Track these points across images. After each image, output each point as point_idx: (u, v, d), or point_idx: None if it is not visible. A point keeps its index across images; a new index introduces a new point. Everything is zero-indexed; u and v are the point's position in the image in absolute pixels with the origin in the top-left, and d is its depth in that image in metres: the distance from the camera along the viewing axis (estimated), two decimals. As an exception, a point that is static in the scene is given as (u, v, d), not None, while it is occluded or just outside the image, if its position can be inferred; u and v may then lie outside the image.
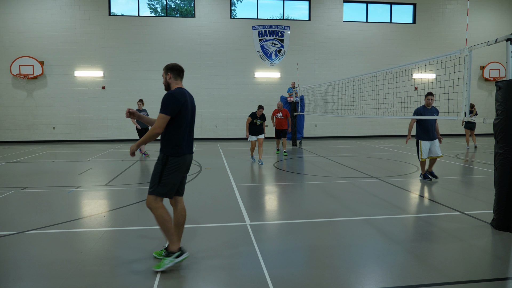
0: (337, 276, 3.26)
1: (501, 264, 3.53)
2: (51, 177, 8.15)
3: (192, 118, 3.62)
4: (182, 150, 3.48)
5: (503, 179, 4.35)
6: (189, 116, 3.54)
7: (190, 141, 3.61)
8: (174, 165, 3.43)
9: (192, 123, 3.62)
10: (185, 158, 3.51)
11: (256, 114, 9.77)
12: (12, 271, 3.40)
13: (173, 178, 3.43)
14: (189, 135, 3.58)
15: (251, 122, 9.77)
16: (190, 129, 3.59)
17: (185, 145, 3.50)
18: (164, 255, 3.49)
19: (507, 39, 4.31)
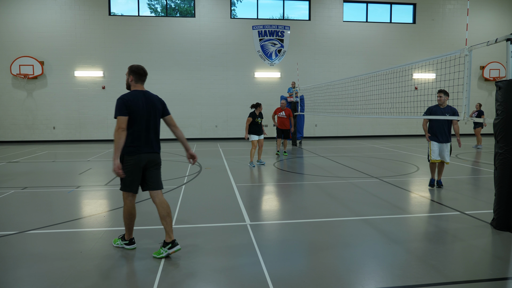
0: (337, 276, 3.26)
1: (501, 264, 3.53)
2: (51, 177, 8.15)
3: (151, 119, 3.75)
4: (136, 149, 3.65)
5: (503, 179, 4.35)
6: (143, 117, 3.69)
7: (149, 141, 3.74)
8: (129, 163, 3.64)
9: (150, 123, 3.74)
10: (140, 157, 3.67)
11: (255, 112, 9.34)
12: (12, 271, 3.40)
13: (130, 175, 3.66)
14: (146, 135, 3.72)
15: (252, 122, 9.41)
16: (147, 129, 3.72)
17: (142, 145, 3.68)
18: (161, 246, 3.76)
19: (507, 39, 4.31)
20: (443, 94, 6.55)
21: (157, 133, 3.87)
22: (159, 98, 3.94)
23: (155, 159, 3.83)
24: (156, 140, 3.85)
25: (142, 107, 3.69)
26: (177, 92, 17.48)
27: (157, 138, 3.87)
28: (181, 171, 8.78)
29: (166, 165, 9.89)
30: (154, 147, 3.81)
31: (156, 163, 3.85)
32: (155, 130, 3.84)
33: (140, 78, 3.82)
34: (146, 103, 3.74)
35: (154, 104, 3.81)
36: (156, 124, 3.84)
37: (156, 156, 3.85)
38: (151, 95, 3.84)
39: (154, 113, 3.80)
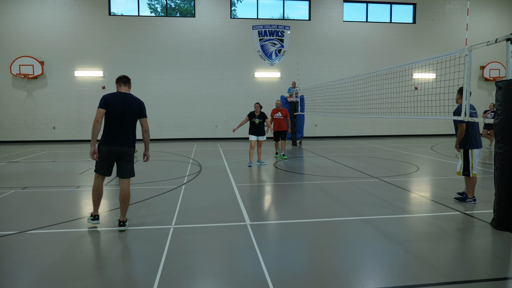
0: (337, 276, 3.26)
1: (501, 264, 3.53)
2: (51, 177, 8.15)
3: (125, 116, 4.37)
4: (106, 141, 4.33)
5: (503, 179, 4.36)
6: (118, 114, 4.33)
7: (120, 136, 4.38)
8: (101, 152, 4.40)
9: (123, 120, 4.37)
10: (110, 148, 4.34)
11: (254, 113, 9.23)
12: (12, 271, 3.40)
13: (100, 160, 4.43)
14: (119, 130, 4.36)
15: (250, 122, 9.31)
16: (121, 125, 4.36)
17: (112, 138, 4.33)
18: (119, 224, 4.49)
19: (507, 39, 4.32)
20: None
21: (129, 129, 4.44)
22: (140, 102, 4.55)
23: (126, 152, 4.44)
24: (128, 136, 4.43)
25: (119, 106, 4.33)
26: (177, 92, 17.48)
27: (129, 134, 4.44)
28: (181, 171, 8.78)
29: (166, 165, 9.92)
30: (126, 142, 4.42)
31: (127, 156, 4.46)
32: (128, 127, 4.42)
33: (123, 83, 4.55)
34: (124, 103, 4.37)
35: (130, 104, 4.42)
36: (129, 122, 4.42)
37: (128, 150, 4.45)
38: (131, 97, 4.48)
39: (130, 112, 4.41)
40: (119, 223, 4.48)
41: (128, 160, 4.49)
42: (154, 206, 5.66)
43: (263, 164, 9.59)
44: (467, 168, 5.54)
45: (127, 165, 4.49)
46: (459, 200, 5.78)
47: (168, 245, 4.00)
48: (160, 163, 10.34)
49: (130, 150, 4.47)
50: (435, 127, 19.58)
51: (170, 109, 17.53)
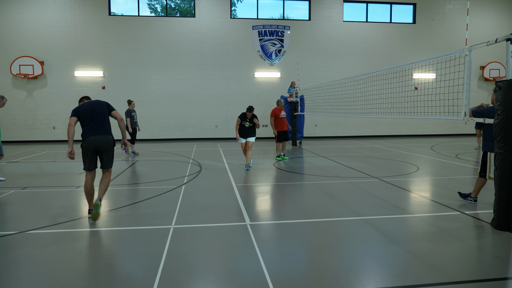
0: (337, 276, 3.26)
1: (501, 264, 3.53)
2: (51, 177, 8.15)
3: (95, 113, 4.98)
4: (84, 137, 4.93)
5: (503, 179, 4.36)
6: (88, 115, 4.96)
7: (94, 128, 4.93)
8: (83, 148, 4.95)
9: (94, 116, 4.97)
10: (88, 140, 4.89)
11: (246, 116, 8.95)
12: (12, 271, 3.40)
13: (84, 157, 4.96)
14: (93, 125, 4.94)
15: (240, 124, 9.03)
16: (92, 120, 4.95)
17: (88, 132, 4.92)
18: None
19: (507, 39, 4.32)
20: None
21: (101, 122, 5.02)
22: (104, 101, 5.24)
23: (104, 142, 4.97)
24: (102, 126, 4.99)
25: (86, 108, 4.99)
26: (177, 92, 17.48)
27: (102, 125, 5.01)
28: (181, 171, 8.78)
29: (166, 165, 9.92)
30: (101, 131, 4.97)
31: (106, 146, 5.00)
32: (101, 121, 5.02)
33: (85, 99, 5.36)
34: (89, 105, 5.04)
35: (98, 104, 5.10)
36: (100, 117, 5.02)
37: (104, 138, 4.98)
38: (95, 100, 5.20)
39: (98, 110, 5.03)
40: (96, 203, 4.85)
41: (109, 151, 5.05)
42: (154, 206, 5.66)
43: (247, 169, 8.90)
44: (484, 170, 5.37)
45: (107, 156, 5.05)
46: (460, 195, 5.79)
47: (168, 245, 4.00)
48: (160, 163, 10.34)
49: (106, 139, 5.00)
50: (435, 127, 19.58)
51: (170, 109, 17.53)
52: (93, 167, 5.01)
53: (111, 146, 5.09)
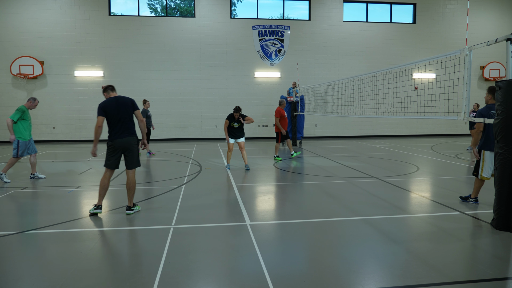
0: (337, 276, 3.26)
1: (501, 264, 3.53)
2: (51, 177, 8.15)
3: (121, 113, 5.05)
4: (111, 137, 5.05)
5: (503, 179, 4.36)
6: (115, 114, 5.03)
7: (121, 130, 5.05)
8: (109, 147, 5.10)
9: (120, 117, 5.04)
10: (115, 142, 5.03)
11: (233, 116, 8.74)
12: (12, 271, 3.40)
13: (109, 156, 5.10)
14: (120, 126, 5.05)
15: (229, 125, 8.82)
16: (119, 121, 5.04)
17: (114, 133, 5.03)
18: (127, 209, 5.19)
19: (507, 39, 4.32)
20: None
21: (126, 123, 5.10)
22: (131, 99, 5.21)
23: (130, 143, 5.09)
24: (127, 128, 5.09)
25: (113, 107, 5.04)
26: (177, 92, 17.48)
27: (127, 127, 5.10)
28: (181, 171, 8.78)
29: (166, 165, 9.92)
30: (127, 133, 5.07)
31: (131, 147, 5.10)
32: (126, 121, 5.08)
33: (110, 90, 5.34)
34: (116, 104, 5.08)
35: (124, 103, 5.12)
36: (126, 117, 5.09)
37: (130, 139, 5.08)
38: (122, 97, 5.18)
39: (122, 109, 5.06)
40: (127, 208, 5.19)
41: (132, 151, 5.11)
42: (154, 206, 5.66)
43: (247, 169, 8.92)
44: (476, 168, 5.47)
45: (131, 156, 5.12)
46: (462, 199, 5.80)
47: (168, 245, 4.00)
48: (160, 163, 10.34)
49: (132, 140, 5.11)
50: (435, 127, 19.58)
51: (170, 109, 17.53)
52: (114, 167, 5.15)
53: (136, 145, 5.20)
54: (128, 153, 5.11)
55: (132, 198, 5.19)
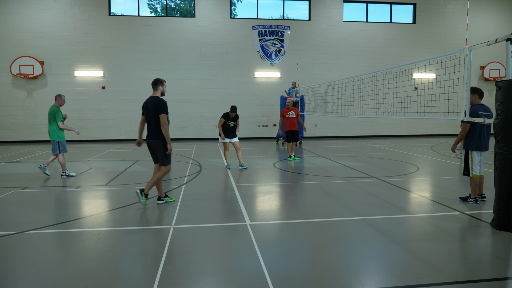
0: (337, 276, 3.26)
1: (501, 264, 3.53)
2: (51, 177, 8.15)
3: (148, 116, 5.43)
4: (146, 137, 5.59)
5: (503, 179, 4.35)
6: (145, 115, 5.50)
7: (148, 131, 5.51)
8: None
9: (148, 119, 5.46)
10: (146, 141, 5.60)
11: (229, 115, 8.78)
12: (12, 271, 3.40)
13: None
14: (147, 127, 5.50)
15: (223, 124, 8.83)
16: (147, 123, 5.50)
17: (147, 134, 5.55)
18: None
19: (507, 39, 4.31)
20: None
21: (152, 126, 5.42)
22: (157, 102, 5.36)
23: (154, 144, 5.48)
24: (151, 131, 5.44)
25: (144, 108, 5.51)
26: (177, 92, 17.47)
27: (152, 129, 5.44)
28: (181, 171, 8.78)
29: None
30: (150, 135, 5.46)
31: (156, 147, 5.48)
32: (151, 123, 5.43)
33: (153, 87, 5.57)
34: (146, 105, 5.47)
35: (150, 105, 5.38)
36: (152, 120, 5.40)
37: (153, 142, 5.45)
38: (151, 99, 5.43)
39: (150, 112, 5.39)
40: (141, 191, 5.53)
41: (159, 150, 5.47)
42: (154, 206, 5.66)
43: (244, 168, 9.06)
44: (466, 168, 5.58)
45: (159, 155, 5.53)
46: (462, 199, 5.82)
47: (168, 245, 4.00)
48: (160, 163, 10.34)
49: (156, 142, 5.45)
50: (435, 127, 19.58)
51: (170, 109, 17.32)
52: (155, 161, 5.72)
53: (161, 146, 5.48)
54: (156, 151, 5.55)
55: (159, 189, 5.74)
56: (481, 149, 5.47)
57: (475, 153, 5.48)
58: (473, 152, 5.48)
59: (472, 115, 5.32)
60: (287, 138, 10.60)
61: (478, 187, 5.70)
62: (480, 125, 5.41)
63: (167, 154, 5.52)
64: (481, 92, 5.58)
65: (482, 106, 5.47)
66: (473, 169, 5.49)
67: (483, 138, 5.46)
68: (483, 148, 5.47)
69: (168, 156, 5.57)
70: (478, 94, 5.55)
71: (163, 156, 5.50)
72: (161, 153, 5.48)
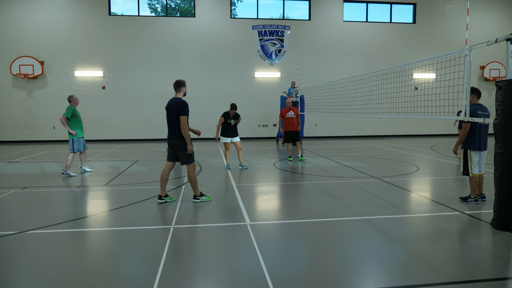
0: (337, 276, 3.26)
1: (501, 264, 3.53)
2: (51, 177, 8.15)
3: (169, 116, 5.62)
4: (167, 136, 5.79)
5: (503, 179, 4.35)
6: (167, 115, 5.70)
7: (169, 131, 5.70)
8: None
9: (169, 119, 5.64)
10: (167, 142, 5.79)
11: (229, 113, 8.71)
12: (12, 271, 3.40)
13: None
14: (168, 127, 5.70)
15: (224, 123, 8.75)
16: (168, 123, 5.69)
17: (168, 134, 5.74)
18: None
19: (507, 39, 4.31)
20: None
21: (171, 126, 5.63)
22: (178, 103, 5.52)
23: (175, 144, 5.65)
24: (171, 131, 5.64)
25: (166, 108, 5.70)
26: (177, 92, 17.44)
27: (171, 129, 5.63)
28: (181, 171, 8.78)
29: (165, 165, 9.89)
30: (171, 135, 5.66)
31: (177, 147, 5.65)
32: (171, 124, 5.62)
33: (176, 88, 5.72)
34: (168, 106, 5.65)
35: (171, 106, 5.58)
36: (172, 120, 5.59)
37: (174, 141, 5.64)
38: (173, 100, 5.59)
39: (171, 113, 5.59)
40: (194, 197, 5.86)
41: (180, 150, 5.62)
42: (154, 206, 5.66)
43: (244, 168, 9.06)
44: (466, 168, 5.59)
45: (180, 154, 5.66)
46: (462, 199, 5.82)
47: (168, 245, 4.00)
48: (160, 163, 10.34)
49: (177, 142, 5.60)
50: (435, 127, 19.58)
51: (170, 109, 17.49)
52: (169, 159, 5.79)
53: (181, 146, 5.62)
54: (177, 151, 5.67)
55: (195, 188, 5.80)
56: (480, 149, 5.49)
57: (473, 153, 5.51)
58: (472, 152, 5.51)
59: (472, 115, 5.35)
60: (286, 138, 10.53)
61: (478, 187, 5.71)
62: (479, 125, 5.44)
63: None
64: (479, 92, 5.62)
65: (480, 106, 5.50)
66: (472, 169, 5.52)
67: (482, 137, 5.49)
68: (482, 148, 5.50)
69: (192, 154, 5.70)
70: (476, 94, 5.59)
71: (185, 155, 5.64)
72: (183, 152, 5.61)
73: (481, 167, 5.59)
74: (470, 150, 5.51)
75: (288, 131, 10.46)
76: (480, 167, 5.58)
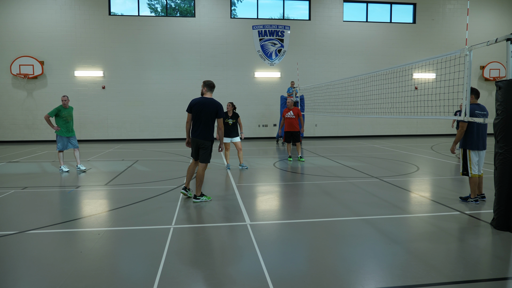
0: (337, 276, 3.26)
1: (501, 264, 3.53)
2: (51, 177, 8.15)
3: (202, 116, 5.66)
4: (192, 134, 5.84)
5: (503, 179, 4.36)
6: (197, 114, 5.70)
7: (198, 131, 5.72)
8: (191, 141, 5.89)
9: (201, 119, 5.67)
10: (192, 139, 5.82)
11: (227, 113, 8.62)
12: (12, 271, 3.40)
13: (191, 148, 5.93)
14: (198, 126, 5.73)
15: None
16: (200, 122, 5.70)
17: (193, 131, 5.78)
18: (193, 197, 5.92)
19: (507, 39, 4.31)
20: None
21: (204, 126, 5.69)
22: (217, 105, 5.71)
23: (202, 143, 5.74)
24: (201, 130, 5.69)
25: (197, 108, 5.67)
26: (177, 92, 17.48)
27: (203, 129, 5.69)
28: (181, 171, 8.78)
29: (166, 165, 9.91)
30: (200, 135, 5.71)
31: (202, 145, 5.75)
32: (204, 124, 5.69)
33: (209, 89, 5.82)
34: (201, 105, 5.67)
35: (208, 107, 5.66)
36: (207, 120, 5.68)
37: (202, 141, 5.72)
38: (209, 101, 5.70)
39: (205, 112, 5.65)
40: (194, 197, 5.89)
41: (204, 149, 5.76)
42: (154, 206, 5.66)
43: (244, 168, 9.04)
44: (465, 168, 5.60)
45: (203, 152, 5.79)
46: (462, 199, 5.82)
47: (168, 245, 4.00)
48: (160, 163, 10.34)
49: (204, 142, 5.72)
50: (435, 127, 19.58)
51: (170, 109, 17.53)
52: (196, 158, 5.91)
53: (208, 145, 5.78)
54: (201, 150, 5.81)
55: (199, 187, 5.85)
56: (479, 148, 5.50)
57: (472, 153, 5.53)
58: (471, 151, 5.52)
59: (471, 115, 5.36)
60: (286, 138, 10.52)
61: (478, 187, 5.71)
62: (477, 125, 5.45)
63: (211, 153, 5.86)
64: (477, 92, 5.63)
65: (478, 105, 5.51)
66: (471, 169, 5.52)
67: (481, 137, 5.50)
68: (481, 147, 5.51)
69: (211, 154, 5.90)
70: (474, 94, 5.59)
71: (207, 154, 5.82)
72: (207, 151, 5.79)
73: (480, 167, 5.60)
74: (469, 150, 5.52)
75: (287, 131, 10.45)
76: (479, 167, 5.59)
